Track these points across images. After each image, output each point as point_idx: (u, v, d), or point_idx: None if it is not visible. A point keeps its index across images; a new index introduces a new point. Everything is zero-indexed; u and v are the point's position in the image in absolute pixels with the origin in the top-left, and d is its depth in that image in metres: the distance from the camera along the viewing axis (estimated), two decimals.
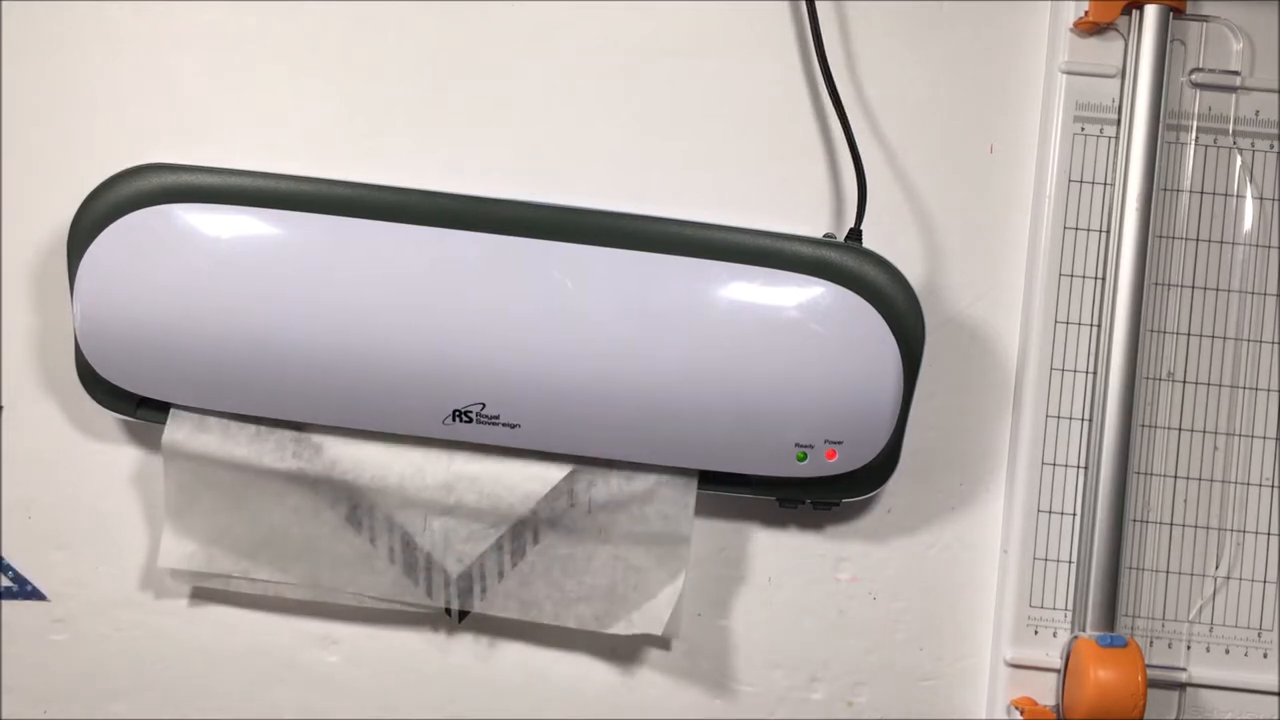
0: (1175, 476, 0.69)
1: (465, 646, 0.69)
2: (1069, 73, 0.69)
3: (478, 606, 0.66)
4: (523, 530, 0.66)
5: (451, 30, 0.69)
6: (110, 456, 0.68)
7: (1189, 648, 0.69)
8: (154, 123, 0.68)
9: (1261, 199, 0.69)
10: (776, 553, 0.70)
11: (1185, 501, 0.69)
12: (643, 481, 0.65)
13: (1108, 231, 0.69)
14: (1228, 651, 0.69)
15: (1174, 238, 0.69)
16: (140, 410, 0.65)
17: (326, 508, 0.65)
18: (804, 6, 0.68)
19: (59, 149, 0.68)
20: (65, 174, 0.68)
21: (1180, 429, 0.69)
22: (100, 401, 0.65)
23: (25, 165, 0.68)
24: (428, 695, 0.69)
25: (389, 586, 0.66)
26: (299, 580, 0.66)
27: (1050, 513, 0.69)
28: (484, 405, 0.62)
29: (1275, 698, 0.68)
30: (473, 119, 0.68)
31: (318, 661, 0.69)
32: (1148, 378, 0.69)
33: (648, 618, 0.66)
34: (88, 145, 0.68)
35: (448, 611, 0.68)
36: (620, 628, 0.66)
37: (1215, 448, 0.69)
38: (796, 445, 0.62)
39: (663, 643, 0.69)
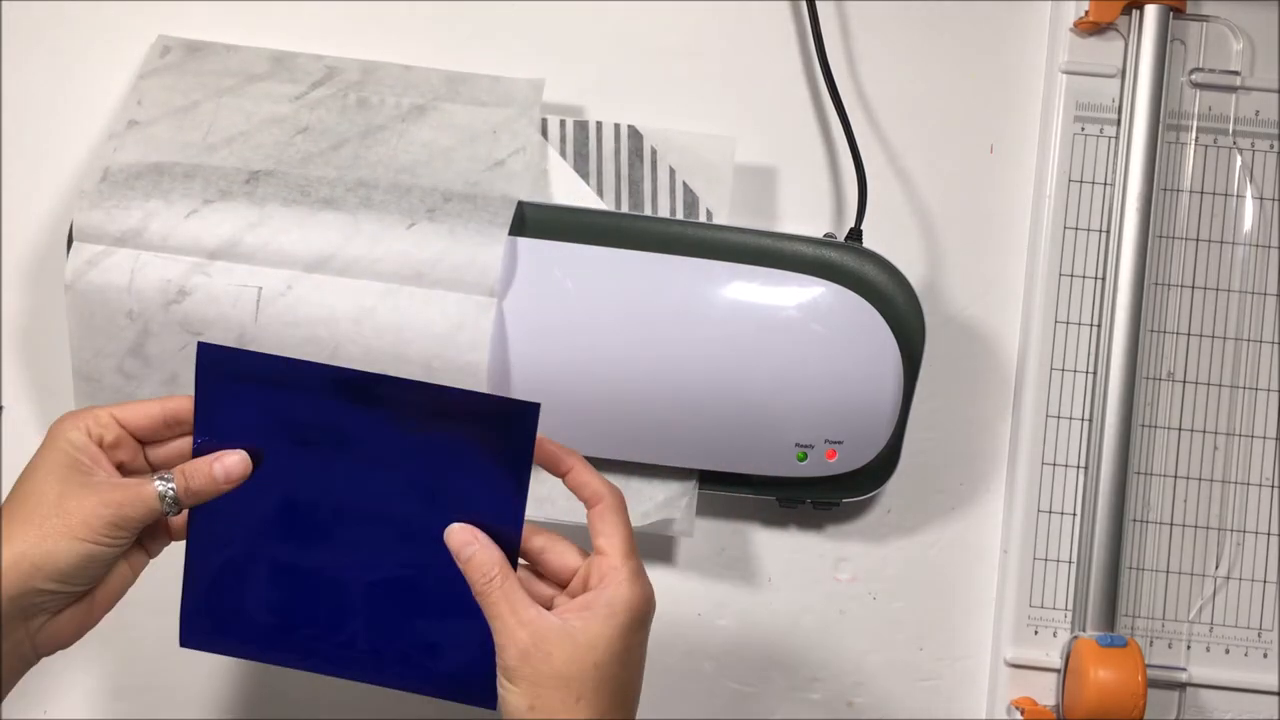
0: (1175, 476, 0.69)
1: None
2: (1069, 73, 0.69)
3: None
4: None
5: (446, 32, 0.69)
6: None
7: (1189, 648, 0.69)
8: None
9: (1261, 199, 0.69)
10: (776, 553, 0.70)
11: (1185, 501, 0.69)
12: None
13: (1108, 231, 0.69)
14: (1228, 651, 0.69)
15: (1174, 238, 0.69)
16: None
17: None
18: (804, 6, 0.68)
19: (59, 149, 0.68)
20: (65, 174, 0.68)
21: (1180, 429, 0.69)
22: None
23: (25, 165, 0.68)
24: None
25: None
26: None
27: (1050, 513, 0.69)
28: None
29: (1275, 698, 0.68)
30: None
31: None
32: (1148, 378, 0.69)
33: (663, 507, 0.65)
34: (88, 145, 0.68)
35: None
36: (634, 519, 0.64)
37: (1215, 448, 0.69)
38: (796, 445, 0.62)
39: (667, 642, 0.69)
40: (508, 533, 0.51)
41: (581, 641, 0.48)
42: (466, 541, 0.50)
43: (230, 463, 0.50)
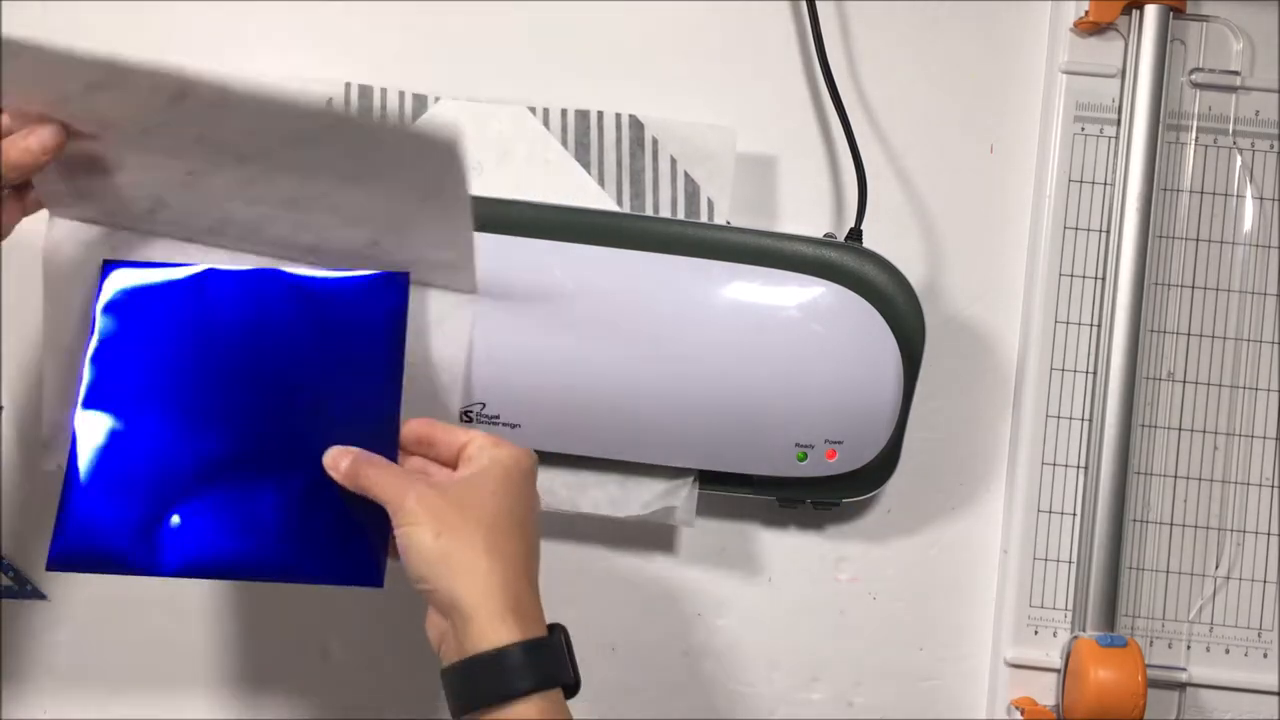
0: (1175, 476, 0.69)
1: None
2: (1069, 73, 0.69)
3: None
4: None
5: (447, 31, 0.69)
6: None
7: (1189, 648, 0.69)
8: None
9: (1261, 199, 0.69)
10: (776, 553, 0.70)
11: (1185, 501, 0.69)
12: None
13: (1108, 231, 0.69)
14: (1228, 651, 0.69)
15: (1174, 238, 0.69)
16: None
17: None
18: (804, 6, 0.68)
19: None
20: None
21: (1180, 429, 0.69)
22: None
23: None
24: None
25: None
26: None
27: (1050, 513, 0.69)
28: (484, 405, 0.62)
29: (1275, 698, 0.68)
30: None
31: (316, 664, 0.69)
32: (1148, 378, 0.69)
33: (663, 496, 0.64)
34: None
35: None
36: (635, 508, 0.64)
37: (1215, 448, 0.69)
38: (796, 445, 0.62)
39: (667, 642, 0.69)
40: (386, 426, 0.53)
41: (474, 481, 0.51)
42: (343, 467, 0.52)
43: (45, 135, 0.52)
